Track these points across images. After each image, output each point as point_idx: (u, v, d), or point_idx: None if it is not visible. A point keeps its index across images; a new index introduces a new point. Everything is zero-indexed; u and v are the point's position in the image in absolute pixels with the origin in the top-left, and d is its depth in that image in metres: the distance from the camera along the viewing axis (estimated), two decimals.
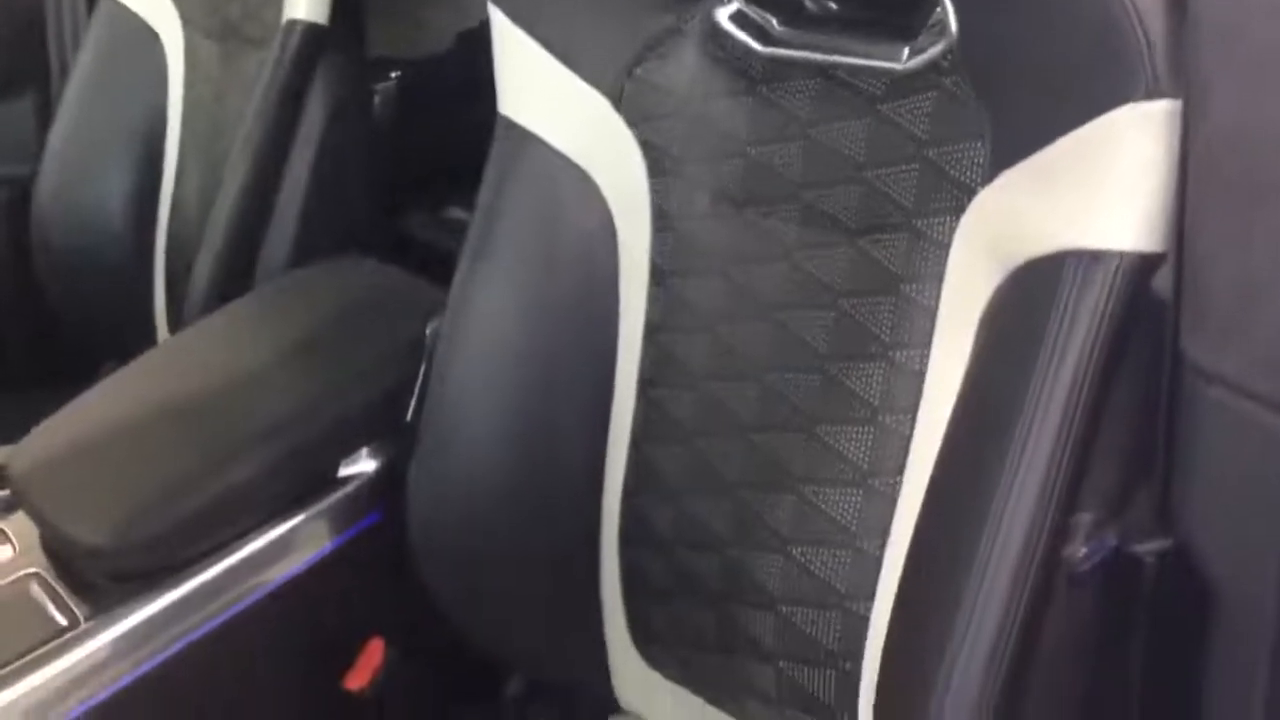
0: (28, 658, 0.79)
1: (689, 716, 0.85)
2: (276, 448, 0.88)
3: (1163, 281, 0.55)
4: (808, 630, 0.74)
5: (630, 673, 0.88)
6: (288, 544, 0.88)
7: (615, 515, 0.85)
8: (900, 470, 0.70)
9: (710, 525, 0.79)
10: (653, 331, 0.83)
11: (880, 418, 0.71)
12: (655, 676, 0.86)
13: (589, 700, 0.91)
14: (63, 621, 0.82)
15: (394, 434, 0.90)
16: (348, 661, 0.91)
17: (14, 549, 0.89)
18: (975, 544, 0.62)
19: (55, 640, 0.80)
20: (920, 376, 0.69)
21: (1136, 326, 0.57)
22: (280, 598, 0.88)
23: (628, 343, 0.84)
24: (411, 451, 0.88)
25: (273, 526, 0.88)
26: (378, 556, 0.90)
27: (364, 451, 0.92)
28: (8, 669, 0.79)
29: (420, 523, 0.88)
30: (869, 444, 0.71)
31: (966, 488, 0.65)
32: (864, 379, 0.71)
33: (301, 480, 0.89)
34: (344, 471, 0.91)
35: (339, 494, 0.90)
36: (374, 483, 0.91)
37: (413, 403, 0.89)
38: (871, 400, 0.71)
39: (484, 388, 0.87)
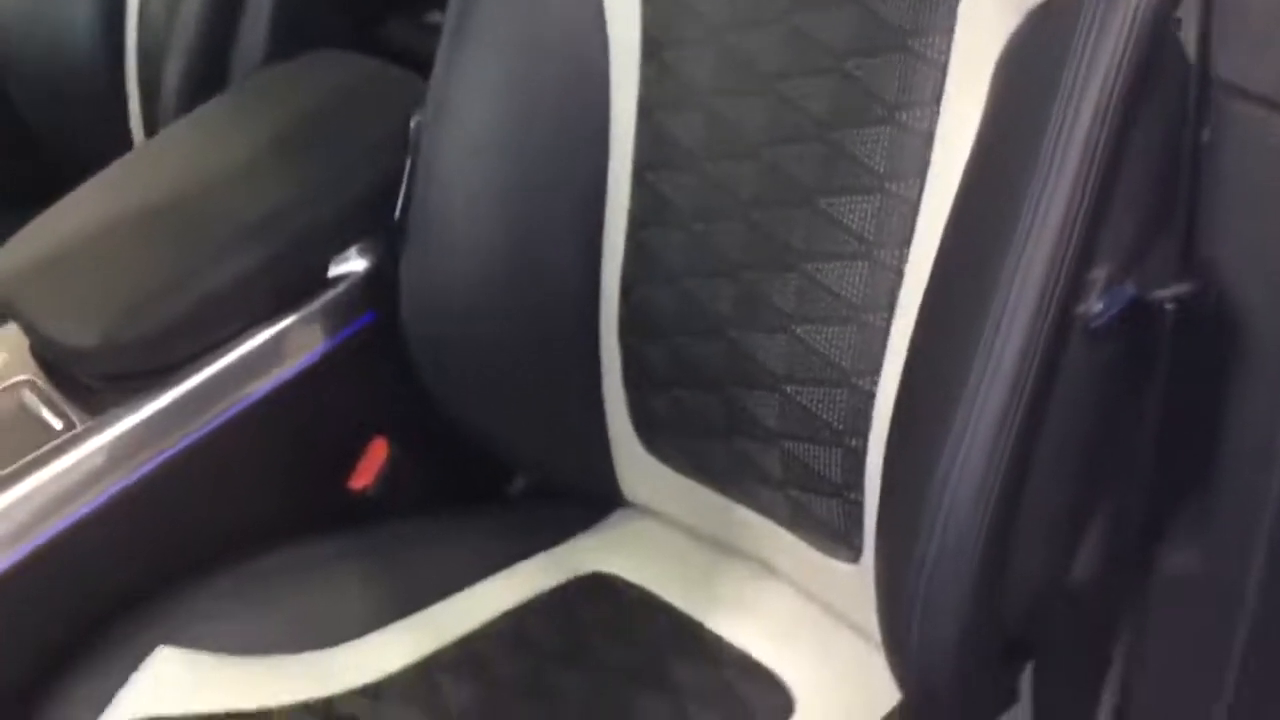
0: (24, 461, 0.79)
1: (695, 505, 0.85)
2: (263, 246, 0.86)
3: (1188, 7, 0.52)
4: (813, 409, 0.73)
5: (634, 466, 0.87)
6: (281, 346, 0.87)
7: (614, 304, 0.83)
8: (907, 241, 0.68)
9: (713, 308, 0.77)
10: (646, 112, 0.79)
11: (886, 185, 0.68)
12: (660, 468, 0.86)
13: (593, 496, 0.91)
14: (58, 425, 0.81)
15: (384, 231, 0.87)
16: (351, 462, 0.91)
17: (4, 358, 0.87)
18: (985, 309, 0.60)
19: (51, 444, 0.80)
20: (929, 138, 0.66)
21: (1157, 63, 0.54)
22: (278, 400, 0.87)
23: (620, 125, 0.80)
24: (402, 249, 0.86)
25: (265, 328, 0.86)
26: (376, 356, 0.88)
27: (354, 250, 0.89)
28: (4, 473, 0.78)
29: (414, 320, 0.86)
30: (874, 214, 0.69)
31: (977, 251, 0.62)
32: (869, 145, 0.68)
33: (291, 280, 0.87)
34: (335, 271, 0.89)
35: (331, 294, 0.88)
36: (366, 282, 0.89)
37: (400, 198, 0.86)
38: (877, 167, 0.68)
39: (471, 180, 0.84)
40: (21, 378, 0.86)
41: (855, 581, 0.74)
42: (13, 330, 0.88)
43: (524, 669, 0.80)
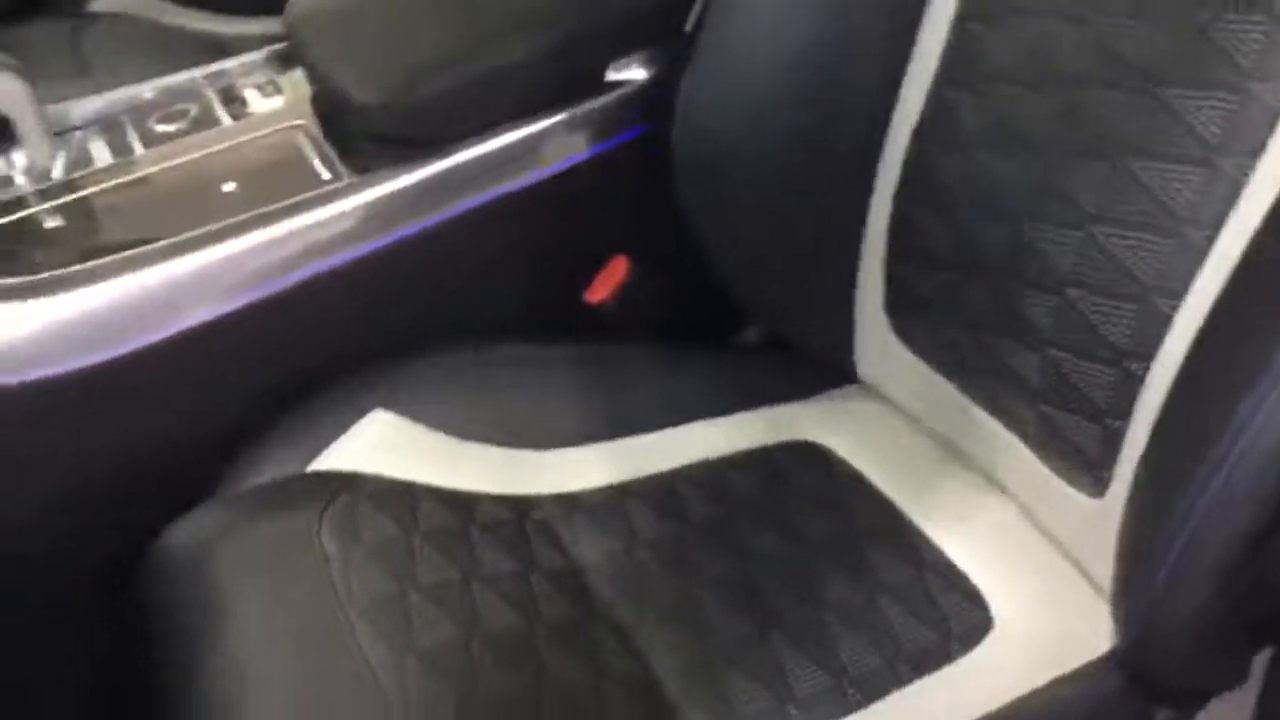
0: (285, 203, 0.80)
1: (932, 399, 0.80)
2: (546, 38, 0.83)
3: None
4: (1095, 320, 0.66)
5: (876, 344, 0.83)
6: (546, 142, 0.85)
7: (896, 165, 0.77)
8: (1260, 149, 0.60)
9: (1004, 189, 0.71)
10: None
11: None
12: (903, 352, 0.80)
13: (824, 365, 0.86)
14: (324, 175, 0.81)
15: (670, 42, 0.83)
16: (589, 275, 0.89)
17: (284, 101, 0.88)
18: None
19: (313, 192, 0.80)
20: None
21: None
22: (532, 197, 0.85)
23: None
24: (686, 65, 0.81)
25: (534, 121, 0.84)
26: (637, 171, 0.85)
27: (636, 57, 0.86)
28: (264, 211, 0.79)
29: (685, 144, 0.82)
30: (1225, 113, 0.60)
31: None
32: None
33: (569, 75, 0.84)
34: (613, 76, 0.86)
35: (605, 99, 0.85)
36: (642, 93, 0.86)
37: (695, 9, 0.82)
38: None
39: (773, 9, 0.79)
40: (298, 123, 0.87)
41: (1092, 516, 0.68)
42: (299, 76, 0.89)
43: (717, 517, 0.77)
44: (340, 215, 0.80)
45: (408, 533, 0.73)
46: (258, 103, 0.89)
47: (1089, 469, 0.68)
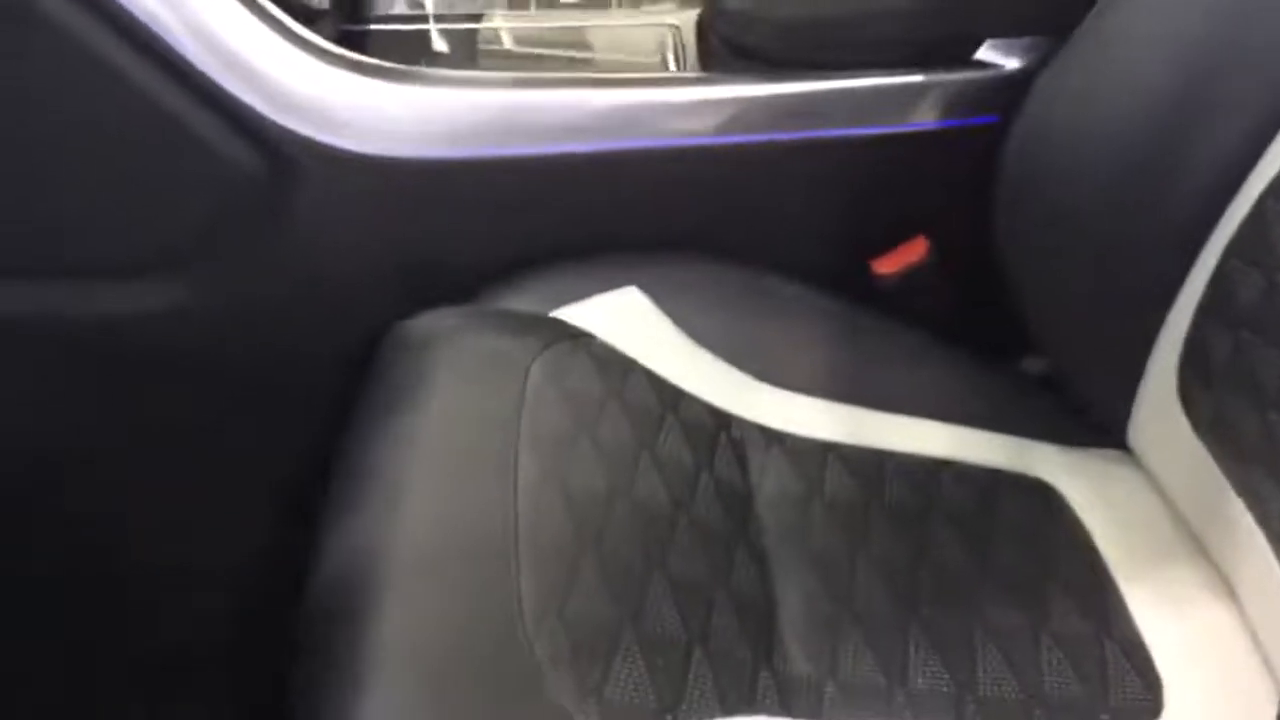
0: (628, 76, 0.83)
1: (1192, 473, 0.71)
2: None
3: None
4: None
5: (1155, 404, 0.74)
6: (898, 99, 0.83)
7: (1235, 221, 0.69)
8: None
9: None
10: None
11: None
12: (1181, 418, 0.72)
13: (1092, 420, 0.79)
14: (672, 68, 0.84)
15: (1052, 37, 0.79)
16: (882, 245, 0.86)
17: (675, 3, 0.92)
18: None
19: (658, 75, 0.83)
20: None
21: None
22: (860, 147, 0.84)
23: None
24: (1053, 60, 0.77)
25: (893, 74, 0.83)
26: (967, 161, 0.82)
27: (1014, 44, 0.82)
28: (606, 77, 0.82)
29: (1021, 146, 0.78)
30: None
31: None
32: None
33: (943, 40, 0.82)
34: (984, 55, 0.83)
35: (969, 75, 0.83)
36: (1006, 80, 0.82)
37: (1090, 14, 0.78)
38: None
39: (1160, 37, 0.74)
40: (674, 23, 0.90)
41: None
42: None
43: (910, 506, 0.72)
44: (666, 104, 0.82)
45: (607, 394, 0.73)
46: None
47: None
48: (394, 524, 0.63)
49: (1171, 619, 0.67)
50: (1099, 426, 0.79)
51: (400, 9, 0.96)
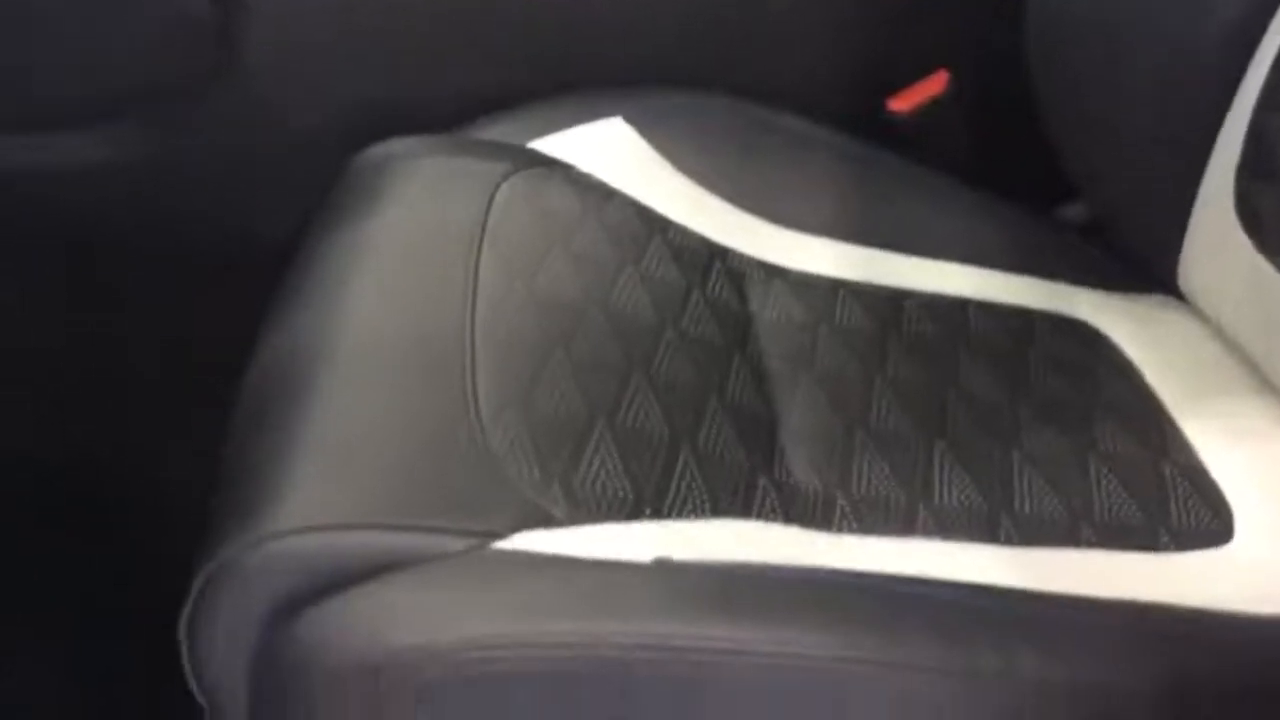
0: None
1: (1259, 305, 0.62)
2: None
3: None
4: None
5: (1212, 236, 0.65)
6: None
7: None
8: None
9: None
10: None
11: None
12: (1245, 243, 0.63)
13: (1142, 265, 0.70)
14: None
15: None
16: (900, 83, 0.77)
17: None
18: None
19: None
20: None
21: None
22: None
23: None
24: None
25: None
26: None
27: None
28: None
29: None
30: None
31: None
32: None
33: None
34: None
35: None
36: None
37: None
38: None
39: None
40: None
41: None
42: None
43: (932, 337, 0.63)
44: None
45: (584, 213, 0.65)
46: None
47: None
48: (336, 320, 0.54)
49: (1236, 450, 0.58)
50: (1146, 272, 0.70)
51: None
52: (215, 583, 0.43)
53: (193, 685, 0.45)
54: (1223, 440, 0.58)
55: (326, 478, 0.45)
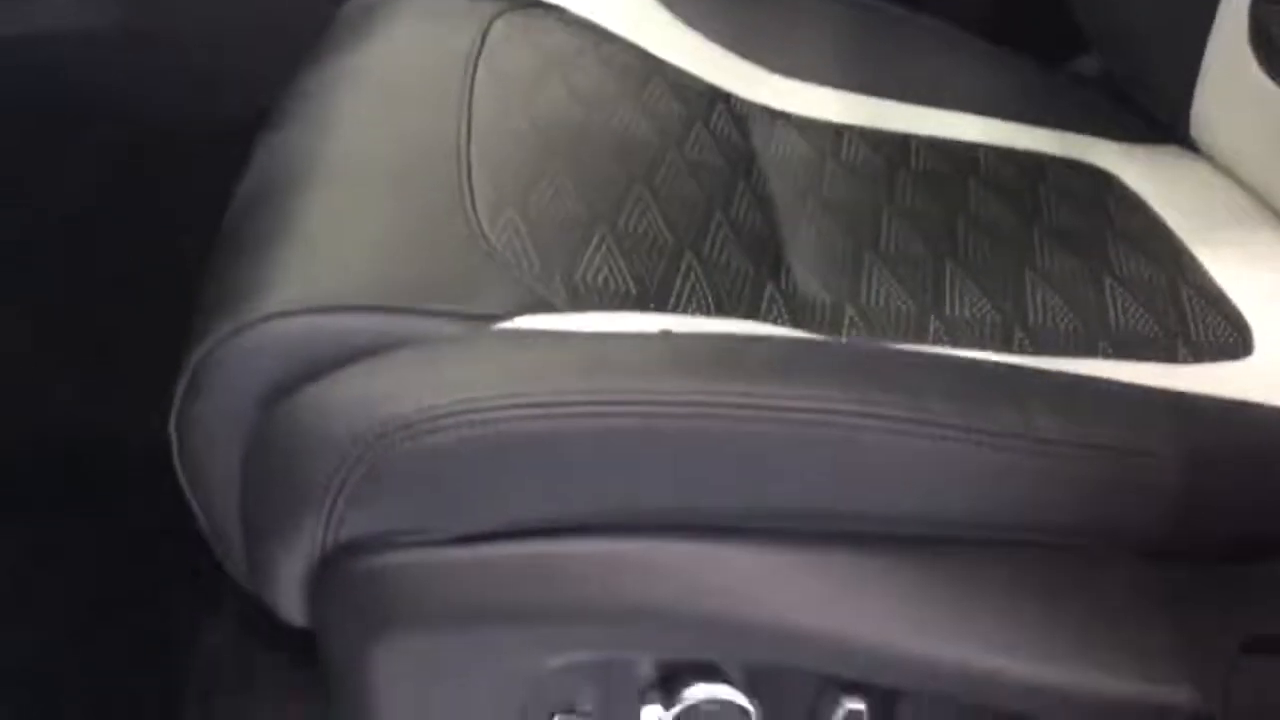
0: None
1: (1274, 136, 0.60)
2: None
3: None
4: None
5: (1225, 87, 0.64)
6: None
7: None
8: None
9: None
10: None
11: None
12: (1264, 80, 0.61)
13: (1156, 113, 0.68)
14: None
15: None
16: None
17: None
18: None
19: None
20: None
21: None
22: None
23: None
24: None
25: None
26: None
27: None
28: None
29: None
30: None
31: None
32: None
33: None
34: None
35: None
36: None
37: None
38: None
39: None
40: None
41: None
42: None
43: (943, 173, 0.62)
44: None
45: (582, 50, 0.62)
46: None
47: None
48: (327, 136, 0.52)
49: (1253, 274, 0.56)
50: (1159, 124, 0.68)
51: None
52: (204, 370, 0.42)
53: (183, 483, 0.44)
54: (1238, 266, 0.56)
55: (316, 263, 0.43)
